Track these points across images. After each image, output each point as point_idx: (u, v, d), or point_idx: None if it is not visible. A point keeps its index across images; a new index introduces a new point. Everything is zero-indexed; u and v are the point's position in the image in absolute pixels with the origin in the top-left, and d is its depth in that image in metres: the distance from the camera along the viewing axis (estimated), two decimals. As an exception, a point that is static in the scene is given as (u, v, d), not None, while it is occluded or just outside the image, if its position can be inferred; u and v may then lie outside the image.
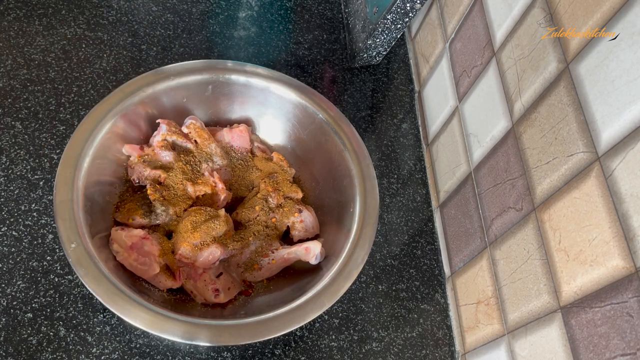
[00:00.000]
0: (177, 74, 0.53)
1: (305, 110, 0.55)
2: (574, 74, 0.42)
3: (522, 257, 0.48)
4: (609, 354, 0.37)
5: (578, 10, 0.42)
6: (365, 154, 0.53)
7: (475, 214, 0.57)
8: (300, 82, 0.56)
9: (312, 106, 0.55)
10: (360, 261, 0.47)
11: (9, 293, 0.49)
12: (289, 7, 0.77)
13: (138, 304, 0.41)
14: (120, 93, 0.50)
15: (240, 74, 0.55)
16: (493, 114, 0.54)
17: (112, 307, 0.40)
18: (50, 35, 0.63)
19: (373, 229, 0.49)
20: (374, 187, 0.51)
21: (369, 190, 0.51)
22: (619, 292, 0.37)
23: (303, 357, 0.53)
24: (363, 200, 0.50)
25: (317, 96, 0.55)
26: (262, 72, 0.55)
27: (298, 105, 0.55)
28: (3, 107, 0.57)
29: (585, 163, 0.40)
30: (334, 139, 0.54)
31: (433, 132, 0.69)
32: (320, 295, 0.45)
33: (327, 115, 0.55)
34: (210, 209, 0.51)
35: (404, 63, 0.77)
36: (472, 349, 0.55)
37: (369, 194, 0.50)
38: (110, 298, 0.40)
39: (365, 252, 0.47)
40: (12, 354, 0.46)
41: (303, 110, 0.56)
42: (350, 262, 0.47)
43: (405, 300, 0.59)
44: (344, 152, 0.53)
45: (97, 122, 0.48)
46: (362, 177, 0.51)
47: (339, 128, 0.54)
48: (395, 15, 0.64)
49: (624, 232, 0.36)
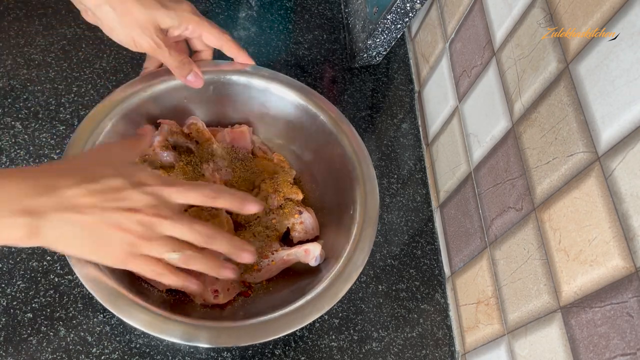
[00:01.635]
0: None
1: (306, 111, 0.55)
2: (574, 74, 0.42)
3: (522, 257, 0.48)
4: (609, 354, 0.37)
5: (578, 10, 0.42)
6: (366, 155, 0.53)
7: (475, 214, 0.57)
8: (300, 82, 0.56)
9: (313, 107, 0.55)
10: (359, 264, 0.47)
11: (9, 293, 0.49)
12: (289, 7, 0.77)
13: (137, 305, 0.41)
14: (122, 93, 0.50)
15: (241, 74, 0.55)
16: (493, 114, 0.54)
17: (111, 308, 0.40)
18: (50, 35, 0.63)
19: (373, 231, 0.49)
20: (374, 189, 0.51)
21: (369, 192, 0.51)
22: (619, 292, 0.37)
23: (303, 357, 0.53)
24: (363, 203, 0.50)
25: (317, 97, 0.55)
26: (263, 72, 0.55)
27: (299, 106, 0.55)
28: (3, 107, 0.57)
29: (585, 163, 0.40)
30: (335, 140, 0.54)
31: (433, 132, 0.69)
32: (319, 298, 0.45)
33: (328, 116, 0.54)
34: (211, 210, 0.51)
35: (404, 63, 0.77)
36: (472, 349, 0.55)
37: (369, 196, 0.50)
38: (110, 299, 0.40)
39: (365, 255, 0.47)
40: (12, 354, 0.46)
41: (304, 111, 0.55)
42: (349, 265, 0.47)
43: (405, 300, 0.59)
44: (345, 154, 0.53)
45: (98, 123, 0.48)
46: (363, 179, 0.51)
47: (340, 129, 0.54)
48: (395, 15, 0.65)
49: (624, 232, 0.36)
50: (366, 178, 0.51)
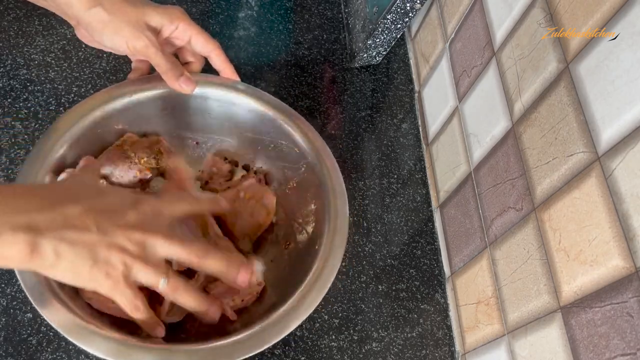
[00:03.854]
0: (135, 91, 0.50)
1: (293, 144, 0.52)
2: (574, 74, 0.42)
3: (522, 257, 0.48)
4: (609, 354, 0.37)
5: (578, 10, 0.42)
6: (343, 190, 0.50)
7: (475, 214, 0.57)
8: (286, 106, 0.53)
9: (299, 137, 0.52)
10: (308, 306, 0.43)
11: (9, 293, 0.49)
12: (289, 7, 0.77)
13: (99, 333, 0.38)
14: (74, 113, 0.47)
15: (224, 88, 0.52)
16: (493, 114, 0.54)
17: (72, 337, 0.37)
18: (50, 35, 0.63)
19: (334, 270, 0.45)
20: (344, 226, 0.48)
21: (339, 229, 0.47)
22: (619, 292, 0.37)
23: (303, 357, 0.53)
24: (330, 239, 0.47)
25: (305, 125, 0.52)
26: (241, 87, 0.52)
27: (284, 134, 0.53)
28: (3, 107, 0.57)
29: (585, 163, 0.40)
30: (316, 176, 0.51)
31: (433, 132, 0.69)
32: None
33: (313, 149, 0.51)
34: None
35: (404, 63, 0.77)
36: (472, 349, 0.55)
37: (337, 233, 0.47)
38: (70, 328, 0.37)
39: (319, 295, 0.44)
40: (12, 354, 0.46)
41: (293, 143, 0.52)
42: (301, 303, 0.43)
43: (405, 300, 0.59)
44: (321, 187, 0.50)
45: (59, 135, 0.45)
46: (335, 214, 0.48)
47: (322, 163, 0.51)
48: (395, 15, 0.65)
49: (624, 232, 0.36)
50: (339, 213, 0.48)
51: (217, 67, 0.52)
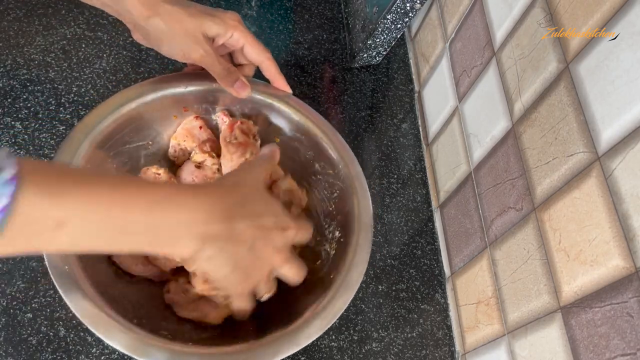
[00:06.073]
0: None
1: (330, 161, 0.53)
2: (574, 74, 0.42)
3: (522, 257, 0.48)
4: (609, 354, 0.37)
5: (578, 10, 0.42)
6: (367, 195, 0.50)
7: (475, 214, 0.57)
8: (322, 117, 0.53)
9: (335, 156, 0.52)
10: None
11: (9, 293, 0.49)
12: (289, 7, 0.77)
13: (119, 323, 0.39)
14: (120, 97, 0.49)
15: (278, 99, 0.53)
16: (493, 114, 0.54)
17: (94, 328, 0.39)
18: (50, 35, 0.63)
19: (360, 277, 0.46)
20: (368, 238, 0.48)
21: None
22: (619, 292, 0.37)
23: (303, 357, 0.53)
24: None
25: (340, 142, 0.52)
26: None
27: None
28: (3, 107, 0.57)
29: (585, 163, 0.40)
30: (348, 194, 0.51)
31: (433, 132, 0.69)
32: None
33: (347, 168, 0.51)
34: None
35: (404, 63, 0.77)
36: (472, 349, 0.55)
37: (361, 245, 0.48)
38: (94, 320, 0.39)
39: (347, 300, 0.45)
40: (12, 354, 0.46)
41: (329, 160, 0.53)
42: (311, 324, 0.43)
43: (405, 300, 0.59)
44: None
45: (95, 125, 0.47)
46: (360, 226, 0.48)
47: (351, 179, 0.51)
48: (395, 15, 0.64)
49: (624, 232, 0.36)
50: (363, 226, 0.48)
51: (269, 77, 0.52)
